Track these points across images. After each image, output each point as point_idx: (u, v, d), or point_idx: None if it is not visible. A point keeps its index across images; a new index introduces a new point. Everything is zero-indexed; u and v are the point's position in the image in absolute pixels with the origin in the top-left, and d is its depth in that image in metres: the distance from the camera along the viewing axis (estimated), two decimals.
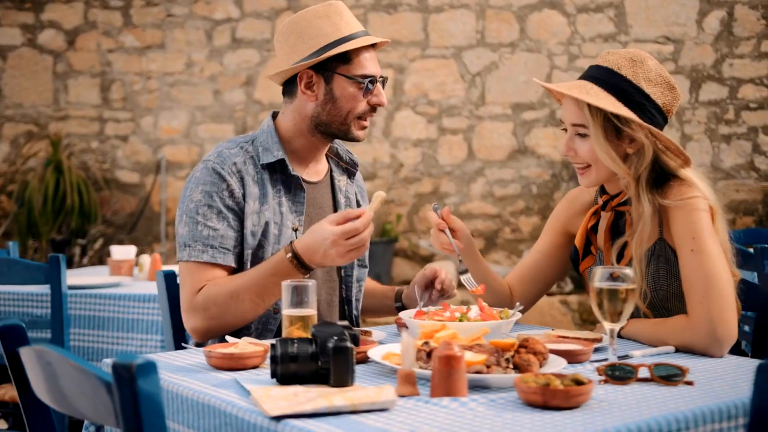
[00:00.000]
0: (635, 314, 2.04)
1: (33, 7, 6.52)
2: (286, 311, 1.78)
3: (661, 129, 2.04)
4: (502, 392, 1.50)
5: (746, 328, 2.58)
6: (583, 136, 2.03)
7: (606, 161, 2.00)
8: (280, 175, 2.21)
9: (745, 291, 2.08)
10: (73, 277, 3.57)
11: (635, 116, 1.97)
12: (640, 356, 1.80)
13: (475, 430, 1.28)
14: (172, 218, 6.39)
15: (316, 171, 2.31)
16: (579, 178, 2.09)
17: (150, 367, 1.14)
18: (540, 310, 5.67)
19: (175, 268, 3.58)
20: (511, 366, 1.58)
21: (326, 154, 2.38)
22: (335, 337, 1.56)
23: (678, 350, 1.87)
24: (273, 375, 1.57)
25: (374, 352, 1.71)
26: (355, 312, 2.35)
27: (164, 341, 2.87)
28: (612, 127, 1.99)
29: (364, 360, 1.76)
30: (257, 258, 2.16)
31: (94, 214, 6.28)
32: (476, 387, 1.53)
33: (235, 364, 1.72)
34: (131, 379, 1.12)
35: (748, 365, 1.75)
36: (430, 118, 6.14)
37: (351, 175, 2.41)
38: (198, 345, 2.18)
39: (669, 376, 1.57)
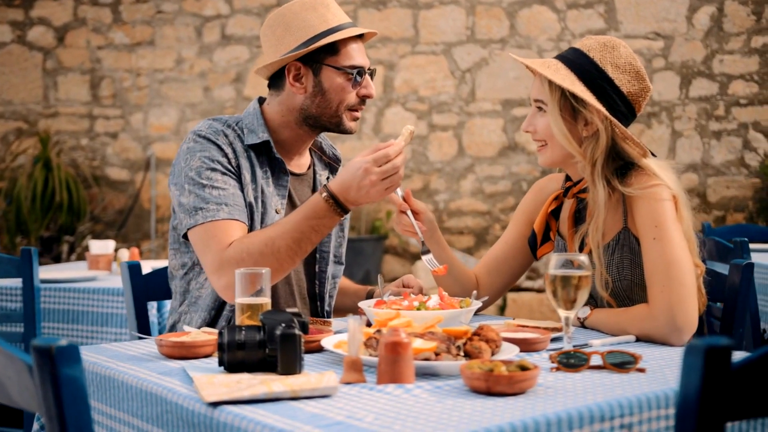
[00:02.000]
0: (599, 304, 2.02)
1: (22, 3, 6.51)
2: (239, 300, 1.75)
3: (626, 118, 2.01)
4: (450, 380, 1.48)
5: None
6: (543, 112, 2.02)
7: (560, 138, 1.99)
8: (265, 157, 2.19)
9: (711, 282, 2.06)
10: (50, 272, 3.55)
11: (592, 97, 1.95)
12: (599, 345, 1.77)
13: (413, 416, 1.25)
14: (162, 215, 6.37)
15: (299, 164, 2.29)
16: (538, 156, 2.09)
17: (72, 350, 1.11)
18: (529, 306, 5.64)
19: (160, 264, 3.56)
20: (462, 353, 1.56)
21: (310, 148, 2.35)
22: (283, 325, 1.54)
23: (639, 339, 1.85)
24: (220, 363, 1.55)
25: (327, 341, 1.69)
26: (327, 308, 2.32)
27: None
28: (569, 105, 1.98)
29: (318, 349, 1.73)
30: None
31: (83, 212, 6.27)
32: (425, 374, 1.51)
33: (186, 352, 1.70)
34: (51, 362, 1.10)
35: None
36: (420, 114, 6.11)
37: (333, 170, 2.39)
38: (172, 328, 2.16)
39: (621, 363, 1.54)
